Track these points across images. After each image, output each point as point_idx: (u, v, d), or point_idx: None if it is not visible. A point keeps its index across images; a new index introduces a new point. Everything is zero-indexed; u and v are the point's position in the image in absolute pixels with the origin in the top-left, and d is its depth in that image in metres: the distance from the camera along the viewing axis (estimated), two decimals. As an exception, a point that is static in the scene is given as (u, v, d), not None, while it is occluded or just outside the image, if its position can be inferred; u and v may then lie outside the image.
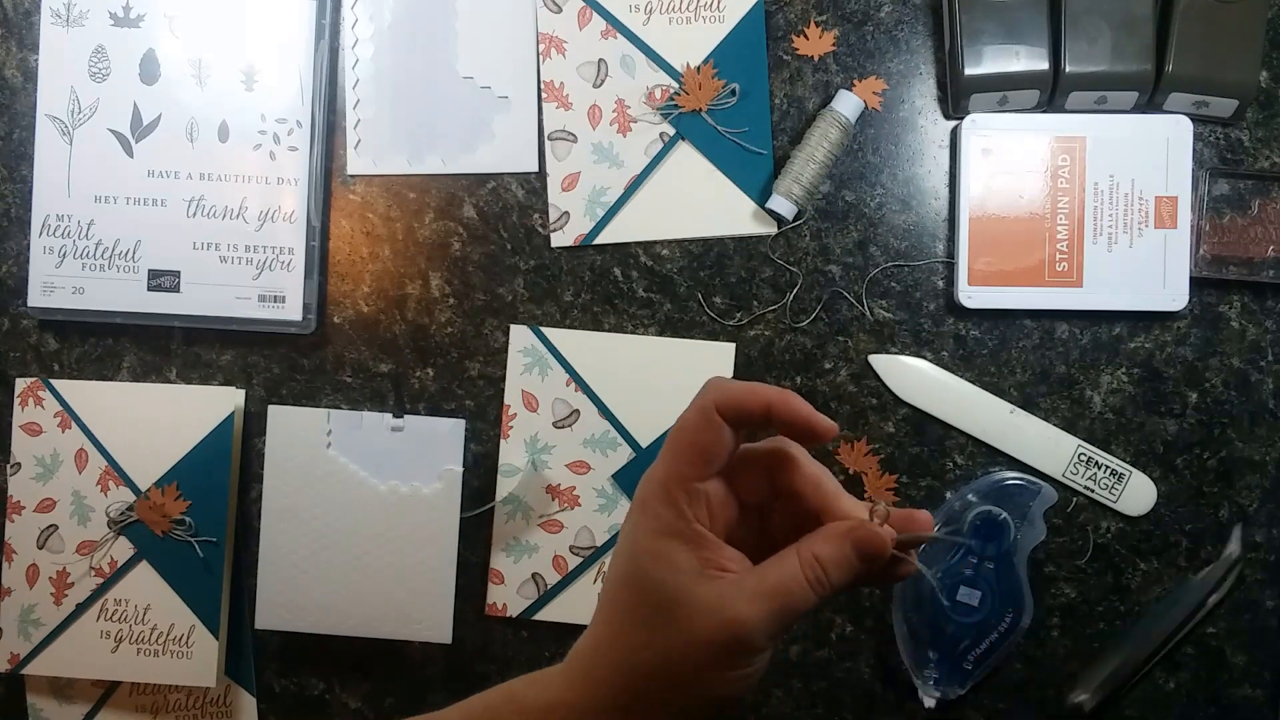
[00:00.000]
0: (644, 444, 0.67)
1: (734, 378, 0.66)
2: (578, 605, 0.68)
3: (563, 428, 0.68)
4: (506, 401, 0.68)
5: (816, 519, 0.42)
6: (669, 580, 0.40)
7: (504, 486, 0.68)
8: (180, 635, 0.68)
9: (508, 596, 0.68)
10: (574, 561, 0.68)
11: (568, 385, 0.68)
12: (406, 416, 0.68)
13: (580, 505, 0.68)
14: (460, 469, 0.67)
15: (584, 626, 0.70)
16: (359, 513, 0.67)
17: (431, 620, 0.67)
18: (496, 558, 0.68)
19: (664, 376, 0.67)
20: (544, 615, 0.68)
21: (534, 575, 0.68)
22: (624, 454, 0.67)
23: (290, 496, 0.68)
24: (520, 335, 0.68)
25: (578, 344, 0.68)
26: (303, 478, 0.68)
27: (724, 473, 0.42)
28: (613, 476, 0.67)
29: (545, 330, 0.68)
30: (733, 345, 0.67)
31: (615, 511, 0.67)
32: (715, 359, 0.67)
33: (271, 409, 0.68)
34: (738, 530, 0.43)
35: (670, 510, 0.41)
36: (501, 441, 0.68)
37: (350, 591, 0.67)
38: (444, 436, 0.68)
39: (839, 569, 0.40)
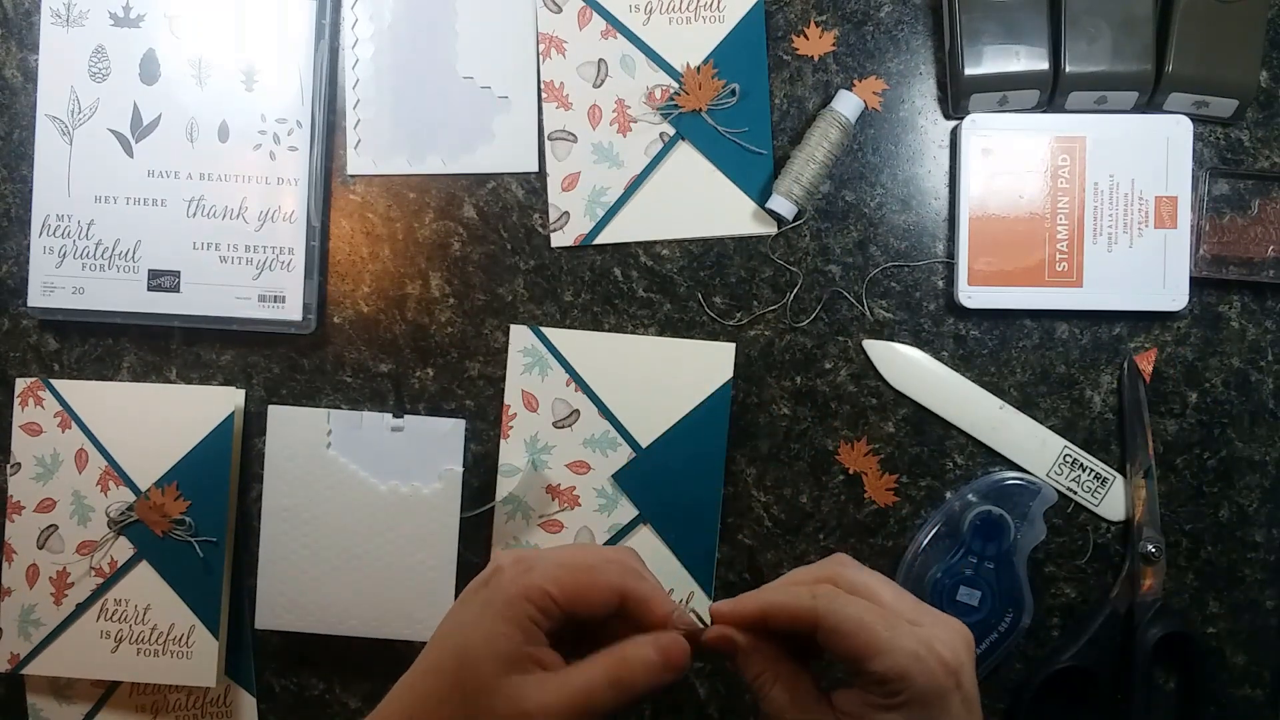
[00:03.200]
0: (644, 444, 0.67)
1: (734, 378, 0.67)
2: (578, 605, 0.68)
3: (563, 428, 0.68)
4: (506, 401, 0.68)
5: (633, 627, 0.44)
6: (485, 666, 0.42)
7: (504, 486, 0.68)
8: (180, 635, 0.68)
9: (508, 596, 0.68)
10: (574, 561, 0.68)
11: (568, 385, 0.68)
12: (406, 416, 0.68)
13: (580, 505, 0.68)
14: (460, 469, 0.67)
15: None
16: (359, 513, 0.67)
17: (432, 620, 0.67)
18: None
19: (664, 376, 0.67)
20: (544, 615, 0.68)
21: (534, 575, 0.68)
22: (624, 454, 0.67)
23: (290, 496, 0.68)
24: (520, 335, 0.68)
25: (578, 344, 0.68)
26: (303, 478, 0.68)
27: None
28: (613, 476, 0.67)
29: (545, 330, 0.68)
30: (733, 345, 0.67)
31: (615, 511, 0.67)
32: (715, 359, 0.67)
33: (271, 409, 0.68)
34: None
35: (527, 612, 0.43)
36: (501, 441, 0.68)
37: (350, 591, 0.67)
38: (444, 436, 0.68)
39: (645, 672, 0.43)
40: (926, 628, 0.43)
